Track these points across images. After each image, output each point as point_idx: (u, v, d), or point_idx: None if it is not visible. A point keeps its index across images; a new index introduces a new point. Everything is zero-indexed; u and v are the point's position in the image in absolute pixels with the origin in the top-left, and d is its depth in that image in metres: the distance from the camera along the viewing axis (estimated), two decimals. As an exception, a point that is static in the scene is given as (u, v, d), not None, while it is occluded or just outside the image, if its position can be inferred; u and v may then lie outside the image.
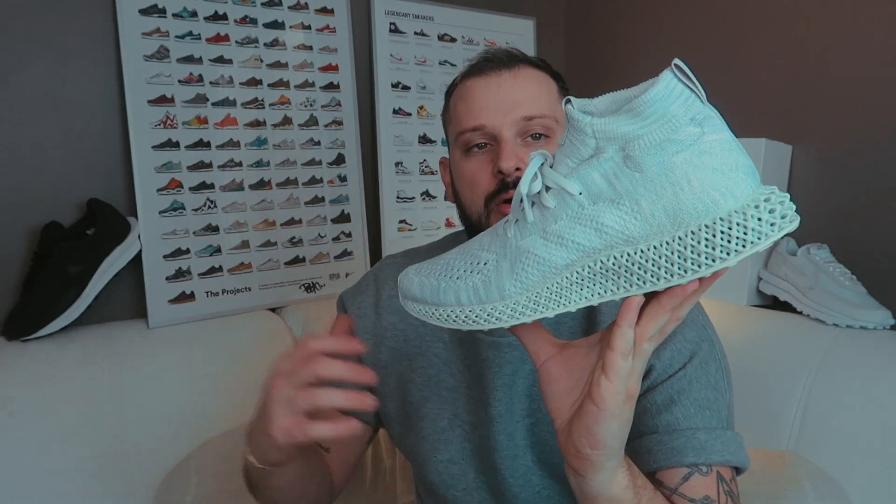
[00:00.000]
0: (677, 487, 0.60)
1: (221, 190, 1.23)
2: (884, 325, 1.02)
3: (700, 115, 0.39)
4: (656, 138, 0.39)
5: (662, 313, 0.42)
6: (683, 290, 0.41)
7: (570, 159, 0.42)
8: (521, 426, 0.72)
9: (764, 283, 1.19)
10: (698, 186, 0.38)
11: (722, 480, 0.61)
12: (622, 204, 0.40)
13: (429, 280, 0.49)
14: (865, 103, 1.13)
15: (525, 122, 0.68)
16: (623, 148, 0.40)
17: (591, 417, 0.45)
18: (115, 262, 1.10)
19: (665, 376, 0.65)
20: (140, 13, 1.14)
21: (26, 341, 1.02)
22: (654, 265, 0.40)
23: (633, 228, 0.40)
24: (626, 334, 0.42)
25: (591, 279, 0.43)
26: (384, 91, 1.44)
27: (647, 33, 1.54)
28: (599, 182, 0.41)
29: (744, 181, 0.39)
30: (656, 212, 0.39)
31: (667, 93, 0.38)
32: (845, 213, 1.17)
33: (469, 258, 0.48)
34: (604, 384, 0.44)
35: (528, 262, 0.44)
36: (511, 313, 0.45)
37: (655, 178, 0.39)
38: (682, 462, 0.61)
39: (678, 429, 0.63)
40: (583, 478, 0.48)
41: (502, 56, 0.72)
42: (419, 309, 0.49)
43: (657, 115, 0.38)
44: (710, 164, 0.38)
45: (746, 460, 0.64)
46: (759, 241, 0.37)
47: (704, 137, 0.38)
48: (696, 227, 0.39)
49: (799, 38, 1.23)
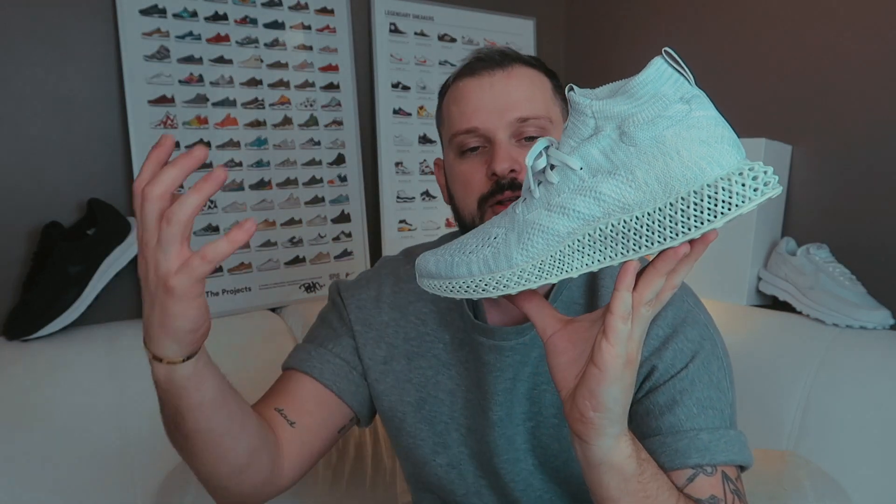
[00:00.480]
0: (683, 488, 0.60)
1: (222, 190, 1.23)
2: (883, 325, 1.02)
3: (688, 95, 0.43)
4: (649, 115, 0.43)
5: (657, 277, 0.45)
6: (675, 253, 0.43)
7: (572, 139, 0.47)
8: (521, 430, 0.71)
9: (764, 283, 1.19)
10: (687, 156, 0.42)
11: (727, 479, 0.61)
12: (618, 174, 0.44)
13: (444, 257, 0.53)
14: (865, 103, 1.13)
15: (519, 123, 0.68)
16: (619, 126, 0.44)
17: (595, 380, 0.47)
18: (116, 262, 1.10)
19: (667, 376, 0.65)
20: (140, 13, 1.14)
21: (26, 341, 1.02)
22: (648, 230, 0.44)
23: (628, 196, 0.44)
24: (624, 297, 0.45)
25: (591, 246, 0.46)
26: (384, 91, 1.44)
27: (647, 33, 1.54)
28: (598, 157, 0.45)
29: (728, 152, 0.42)
30: (649, 180, 0.43)
31: (657, 75, 0.42)
32: (845, 213, 1.17)
33: (482, 235, 0.52)
34: (605, 347, 0.46)
35: (534, 232, 0.48)
36: (517, 280, 0.49)
37: (648, 150, 0.43)
38: (687, 463, 0.61)
39: (681, 430, 0.63)
40: (587, 443, 0.50)
41: (495, 55, 0.71)
42: (433, 284, 0.54)
43: (649, 94, 0.43)
44: (698, 137, 0.42)
45: (750, 458, 0.64)
46: (743, 205, 0.41)
47: (692, 113, 0.42)
48: (685, 194, 0.42)
49: (799, 39, 1.23)
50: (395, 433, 0.79)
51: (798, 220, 1.24)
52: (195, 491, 0.93)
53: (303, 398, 0.74)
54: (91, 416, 0.98)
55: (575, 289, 0.73)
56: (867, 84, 1.13)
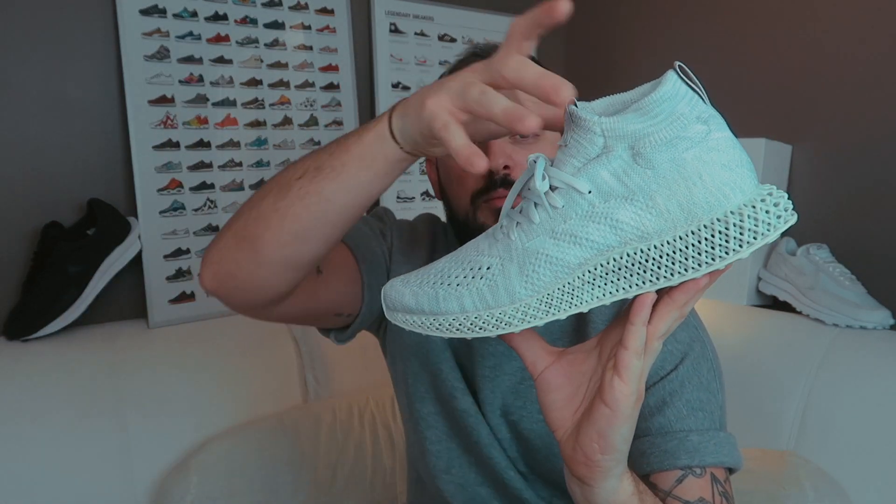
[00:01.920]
0: (671, 490, 0.60)
1: (222, 190, 1.23)
2: (883, 325, 1.02)
3: (705, 114, 0.40)
4: (666, 136, 0.40)
5: (675, 309, 0.42)
6: (696, 285, 0.41)
7: (575, 159, 0.42)
8: (503, 422, 0.72)
9: (764, 283, 1.19)
10: (710, 182, 0.40)
11: (716, 482, 0.61)
12: (636, 200, 0.41)
13: (423, 289, 0.46)
14: (865, 103, 1.13)
15: None
16: (632, 146, 0.41)
17: (604, 421, 0.43)
18: (116, 262, 1.10)
19: (657, 378, 0.65)
20: (140, 13, 1.14)
21: (26, 341, 1.02)
22: (669, 260, 0.41)
23: (648, 224, 0.41)
24: (639, 333, 0.42)
25: (604, 278, 0.43)
26: (384, 91, 1.44)
27: (647, 33, 1.54)
28: (609, 180, 0.41)
29: (749, 177, 0.40)
30: (671, 207, 0.40)
31: (674, 92, 0.39)
32: (845, 213, 1.17)
33: (466, 264, 0.46)
34: (617, 385, 0.43)
35: (539, 262, 0.43)
36: (522, 316, 0.44)
37: (668, 174, 0.40)
38: (676, 464, 0.61)
39: (671, 431, 0.62)
40: (590, 487, 0.47)
41: (489, 50, 0.69)
42: (413, 320, 0.47)
43: (665, 113, 0.40)
44: (719, 161, 0.40)
45: (739, 460, 0.64)
46: (769, 233, 0.39)
47: (711, 135, 0.40)
48: (707, 221, 0.40)
49: (799, 39, 1.23)
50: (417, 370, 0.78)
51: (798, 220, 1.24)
52: (195, 490, 0.93)
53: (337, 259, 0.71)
54: (91, 416, 0.98)
55: None
56: (867, 84, 1.13)
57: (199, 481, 0.94)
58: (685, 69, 0.40)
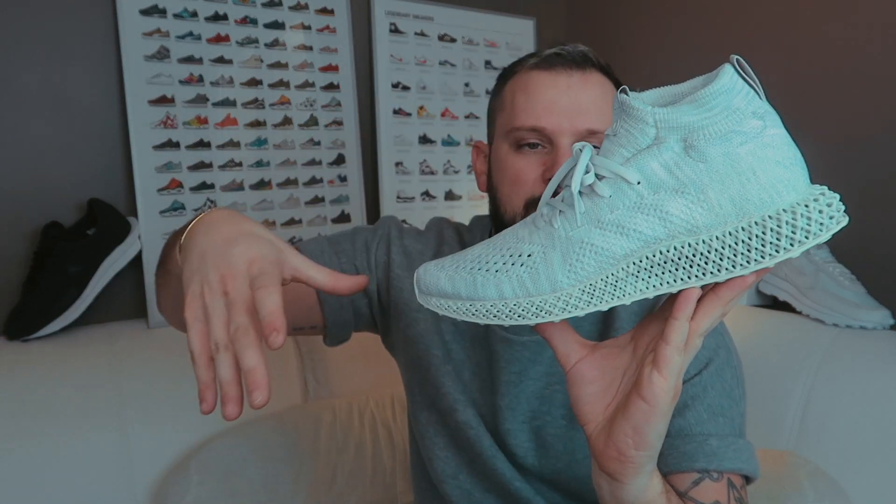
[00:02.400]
0: (687, 491, 0.60)
1: (222, 190, 1.23)
2: (883, 325, 1.02)
3: (761, 110, 0.40)
4: (721, 129, 0.39)
5: (720, 306, 0.41)
6: (744, 282, 0.40)
7: (624, 149, 0.42)
8: (525, 427, 0.71)
9: (764, 282, 1.19)
10: (764, 178, 0.39)
11: (732, 487, 0.61)
12: (688, 193, 0.40)
13: (459, 274, 0.45)
14: (865, 103, 1.13)
15: (588, 135, 0.65)
16: (685, 138, 0.40)
17: (641, 416, 0.43)
18: (116, 262, 1.10)
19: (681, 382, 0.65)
20: (140, 13, 1.14)
21: (27, 341, 1.03)
22: (718, 255, 0.40)
23: (698, 217, 0.40)
24: (682, 328, 0.41)
25: (649, 270, 0.42)
26: (384, 91, 1.44)
27: (648, 33, 1.54)
28: (659, 171, 0.41)
29: (802, 176, 0.40)
30: (723, 201, 0.40)
31: (731, 85, 0.39)
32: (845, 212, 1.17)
33: (505, 251, 0.45)
34: (656, 380, 0.42)
35: (584, 252, 0.42)
36: (563, 306, 0.43)
37: (721, 168, 0.39)
38: (693, 467, 0.60)
39: (690, 433, 0.62)
40: (620, 483, 0.46)
41: (575, 55, 0.67)
42: (448, 305, 0.45)
43: (721, 106, 0.39)
44: (774, 157, 0.39)
45: (757, 469, 0.63)
46: (822, 233, 0.39)
47: (767, 131, 0.39)
48: (759, 218, 0.39)
49: (799, 38, 1.23)
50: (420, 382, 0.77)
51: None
52: (195, 490, 0.93)
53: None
54: (91, 416, 0.98)
55: None
56: (867, 83, 1.13)
57: (199, 481, 0.94)
58: (742, 63, 0.39)
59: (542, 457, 0.71)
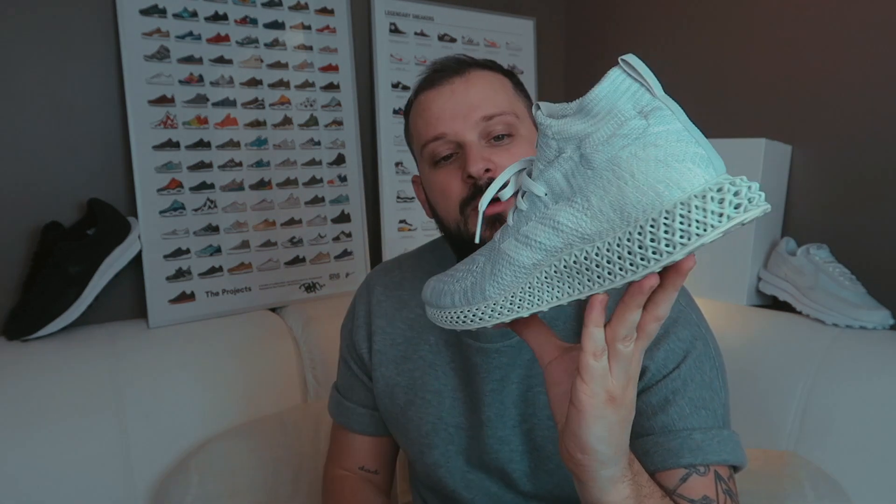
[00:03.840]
0: (676, 489, 0.60)
1: (221, 190, 1.23)
2: (883, 325, 1.02)
3: (648, 108, 0.38)
4: (605, 134, 0.39)
5: (628, 312, 0.42)
6: (640, 287, 0.40)
7: (540, 162, 0.44)
8: (517, 432, 0.72)
9: (764, 283, 1.19)
10: (642, 179, 0.38)
11: (720, 479, 0.61)
12: (575, 202, 0.41)
13: (438, 284, 0.50)
14: (865, 103, 1.13)
15: (485, 122, 0.68)
16: (579, 147, 0.40)
17: (574, 420, 0.45)
18: (116, 262, 1.10)
19: (659, 377, 0.65)
20: (140, 13, 1.14)
21: (26, 341, 1.03)
22: (609, 262, 0.40)
23: (585, 226, 0.41)
24: (593, 333, 0.43)
25: (559, 279, 0.43)
26: (384, 91, 1.44)
27: (647, 33, 1.54)
28: (561, 182, 0.42)
29: (692, 171, 0.37)
30: (604, 208, 0.39)
31: (612, 88, 0.38)
32: (845, 213, 1.17)
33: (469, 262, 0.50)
34: (578, 385, 0.44)
35: (503, 263, 0.45)
36: (491, 314, 0.47)
37: (603, 174, 0.39)
38: (680, 463, 0.61)
39: (674, 429, 0.62)
40: (582, 483, 0.48)
41: (451, 64, 0.71)
42: (431, 313, 0.51)
43: (605, 111, 0.39)
44: (654, 156, 0.38)
45: (744, 459, 0.64)
46: (705, 234, 0.36)
47: (650, 129, 0.38)
48: (644, 222, 0.38)
49: (799, 39, 1.23)
50: (392, 433, 0.84)
51: (798, 220, 1.24)
52: (195, 491, 0.93)
53: (364, 447, 0.87)
54: (91, 416, 0.98)
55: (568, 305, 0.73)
56: (867, 84, 1.13)
57: (199, 481, 0.94)
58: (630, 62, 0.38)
59: (533, 464, 0.72)
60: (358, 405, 0.85)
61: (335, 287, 1.37)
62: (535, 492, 0.72)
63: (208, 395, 1.08)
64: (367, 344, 0.83)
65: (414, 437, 0.77)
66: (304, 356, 1.21)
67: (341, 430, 0.88)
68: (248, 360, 1.14)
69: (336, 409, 0.88)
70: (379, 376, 0.81)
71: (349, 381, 0.87)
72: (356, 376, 0.85)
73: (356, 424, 0.86)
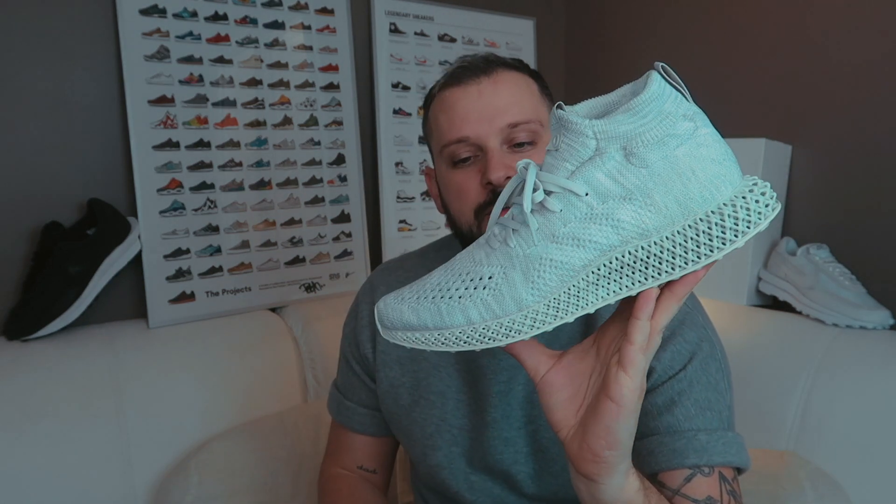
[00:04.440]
0: (680, 488, 0.60)
1: (221, 190, 1.23)
2: (883, 325, 1.02)
3: (690, 112, 0.42)
4: (657, 134, 0.41)
5: (675, 302, 0.44)
6: (695, 277, 0.43)
7: (568, 162, 0.43)
8: (522, 433, 0.72)
9: (764, 283, 1.19)
10: (703, 176, 0.41)
11: (724, 481, 0.61)
12: (635, 199, 0.42)
13: (422, 304, 0.46)
14: (865, 103, 1.13)
15: (510, 129, 0.67)
16: (624, 146, 0.42)
17: (611, 416, 0.44)
18: (116, 262, 1.10)
19: (665, 377, 0.65)
20: (140, 13, 1.14)
21: (26, 341, 1.03)
22: (670, 255, 0.42)
23: (648, 221, 0.42)
24: (644, 327, 0.43)
25: (608, 277, 0.44)
26: (384, 91, 1.44)
27: (647, 33, 1.54)
28: (605, 181, 0.42)
29: (734, 170, 0.42)
30: (669, 203, 0.42)
31: (660, 92, 0.41)
32: (845, 213, 1.17)
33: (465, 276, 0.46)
34: (623, 380, 0.43)
35: (545, 268, 0.44)
36: (531, 323, 0.44)
37: (662, 171, 0.41)
38: (684, 463, 0.61)
39: (679, 430, 0.62)
40: (596, 483, 0.47)
41: (479, 62, 0.70)
42: (416, 337, 0.46)
43: (654, 112, 0.41)
44: (709, 155, 0.41)
45: (748, 460, 0.64)
46: (761, 222, 0.41)
47: (699, 131, 0.41)
48: (703, 215, 0.41)
49: (799, 38, 1.23)
50: (395, 433, 0.83)
51: (798, 220, 1.24)
52: (195, 491, 0.93)
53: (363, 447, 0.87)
54: (91, 416, 0.98)
55: None
56: (867, 84, 1.13)
57: (199, 481, 0.94)
58: (667, 69, 0.41)
59: (538, 466, 0.71)
60: (359, 405, 0.85)
61: (335, 287, 1.37)
62: (539, 494, 0.72)
63: (208, 395, 1.08)
64: (371, 344, 0.82)
65: (417, 439, 0.77)
66: (304, 356, 1.21)
67: (341, 428, 0.88)
68: (248, 360, 1.14)
69: (336, 408, 0.88)
70: (383, 377, 0.81)
71: (350, 380, 0.86)
72: (357, 376, 0.85)
73: (356, 424, 0.86)
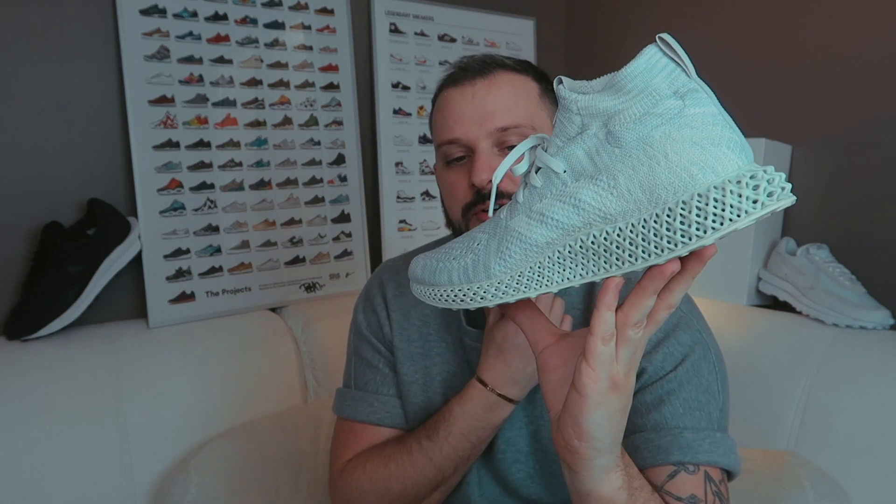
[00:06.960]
0: (663, 485, 0.60)
1: (222, 190, 1.23)
2: (883, 325, 1.02)
3: (684, 89, 0.37)
4: (637, 112, 0.38)
5: (644, 297, 0.41)
6: (662, 271, 0.39)
7: (558, 138, 0.42)
8: (524, 433, 0.72)
9: (764, 283, 1.19)
10: (675, 161, 0.37)
11: (710, 481, 0.60)
12: (600, 180, 0.39)
13: (430, 262, 0.49)
14: (865, 103, 1.13)
15: (500, 133, 0.67)
16: (606, 124, 0.39)
17: (575, 406, 0.43)
18: (116, 262, 1.10)
19: (656, 378, 0.65)
20: (140, 13, 1.14)
21: (26, 341, 1.03)
22: (632, 244, 0.38)
23: (609, 205, 0.39)
24: (605, 317, 0.41)
25: (573, 259, 0.42)
26: (384, 91, 1.44)
27: (647, 33, 1.54)
28: (583, 159, 0.40)
29: (726, 156, 0.36)
30: (632, 187, 0.38)
31: (649, 66, 0.37)
32: (845, 213, 1.17)
33: (468, 240, 0.48)
34: (584, 370, 0.42)
35: (513, 240, 0.44)
36: (495, 292, 0.45)
37: (633, 152, 0.38)
38: (668, 460, 0.60)
39: (665, 427, 0.62)
40: (574, 472, 0.47)
41: (476, 63, 0.70)
42: (419, 290, 0.50)
43: (638, 89, 0.37)
44: (690, 138, 0.37)
45: (737, 464, 0.63)
46: (739, 219, 0.35)
47: (686, 111, 0.37)
48: (673, 204, 0.37)
49: (799, 38, 1.23)
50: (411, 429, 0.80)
51: (798, 220, 1.24)
52: (195, 491, 0.93)
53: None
54: (91, 416, 0.98)
55: (574, 293, 0.73)
56: (867, 84, 1.13)
57: (199, 481, 0.94)
58: (668, 41, 0.36)
59: (538, 464, 0.72)
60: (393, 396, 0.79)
61: (335, 287, 1.37)
62: (539, 495, 0.72)
63: (208, 394, 1.08)
64: (388, 327, 0.80)
65: None
66: (304, 356, 1.21)
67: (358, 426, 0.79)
68: (248, 360, 1.14)
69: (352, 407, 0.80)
70: (400, 371, 0.80)
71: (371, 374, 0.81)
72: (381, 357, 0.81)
73: (385, 417, 0.78)
